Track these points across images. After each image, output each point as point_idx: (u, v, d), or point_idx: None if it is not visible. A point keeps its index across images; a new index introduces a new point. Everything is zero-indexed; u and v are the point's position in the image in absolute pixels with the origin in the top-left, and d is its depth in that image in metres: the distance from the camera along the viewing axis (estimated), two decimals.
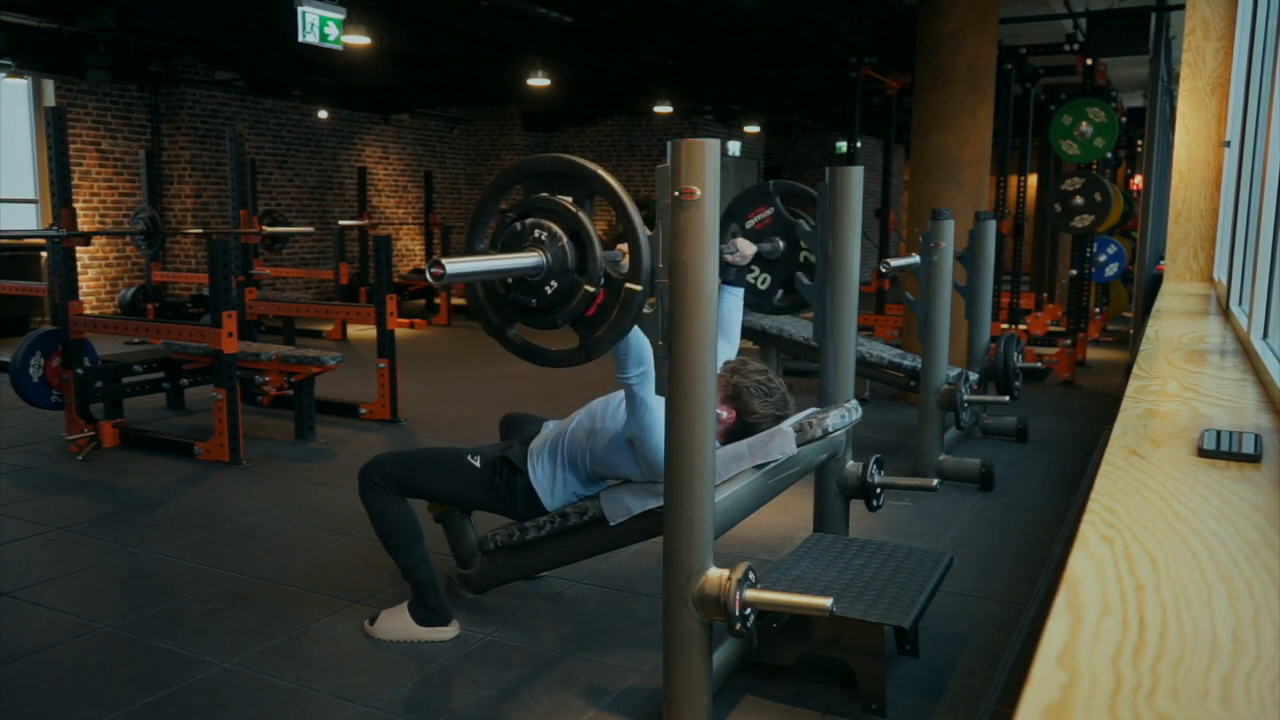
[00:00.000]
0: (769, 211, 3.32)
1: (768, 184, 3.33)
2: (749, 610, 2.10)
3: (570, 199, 2.06)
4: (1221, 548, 0.90)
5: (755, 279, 3.36)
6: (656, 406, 2.39)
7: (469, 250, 2.18)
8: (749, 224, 3.33)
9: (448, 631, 2.75)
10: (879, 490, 2.95)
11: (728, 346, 2.85)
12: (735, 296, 2.98)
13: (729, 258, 2.92)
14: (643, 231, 2.01)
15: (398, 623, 2.73)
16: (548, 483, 2.70)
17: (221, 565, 3.30)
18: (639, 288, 2.01)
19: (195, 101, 10.28)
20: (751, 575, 2.09)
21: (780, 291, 3.39)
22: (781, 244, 3.32)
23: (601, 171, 2.03)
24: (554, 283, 2.06)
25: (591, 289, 2.05)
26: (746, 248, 2.98)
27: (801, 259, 3.28)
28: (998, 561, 3.41)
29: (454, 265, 1.91)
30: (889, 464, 3.62)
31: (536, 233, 2.06)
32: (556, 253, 2.05)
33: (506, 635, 2.77)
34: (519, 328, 2.22)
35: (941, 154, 6.01)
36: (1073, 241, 7.52)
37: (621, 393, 2.59)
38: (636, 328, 2.16)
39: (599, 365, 2.22)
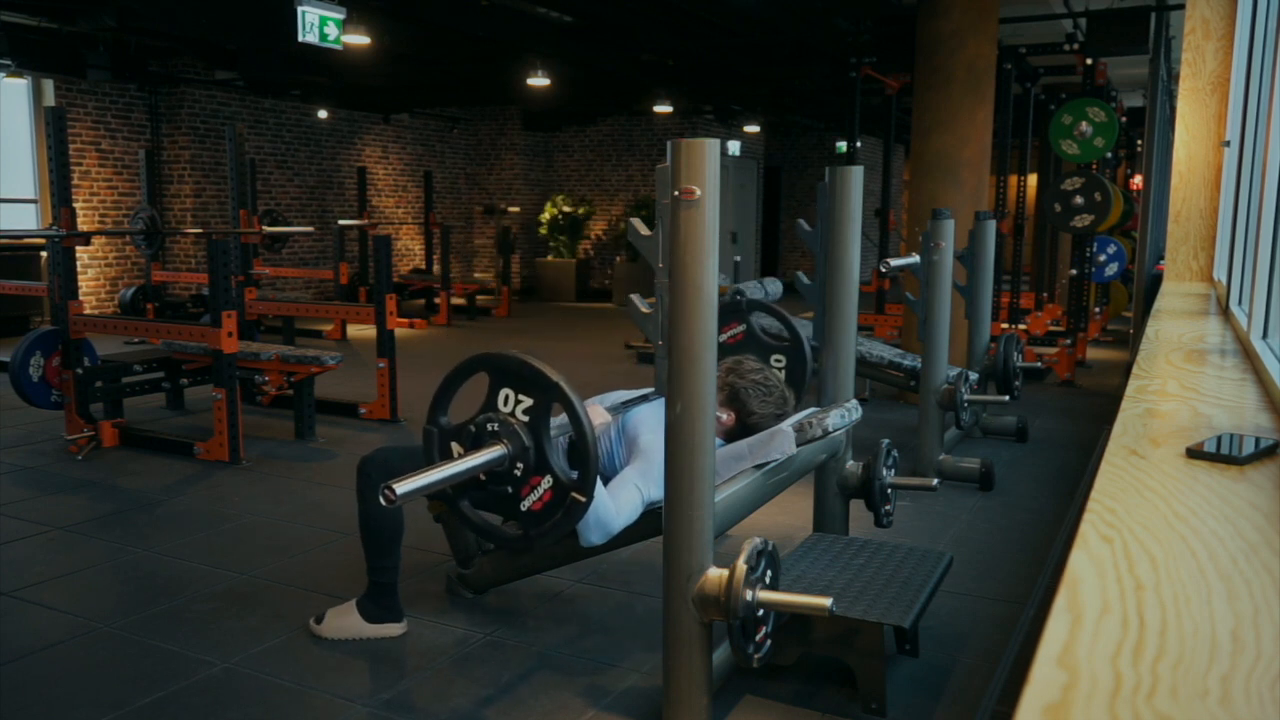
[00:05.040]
0: (741, 328, 3.43)
1: (740, 301, 3.41)
2: (765, 640, 2.12)
3: (531, 401, 2.12)
4: (1221, 548, 0.90)
5: None
6: (619, 490, 2.41)
7: (431, 422, 2.25)
8: (721, 338, 3.43)
9: (397, 628, 2.74)
10: (889, 504, 2.92)
11: None
12: None
13: None
14: (592, 444, 2.08)
15: (346, 620, 2.72)
16: None
17: (221, 565, 3.30)
18: (584, 499, 2.09)
19: (195, 101, 10.28)
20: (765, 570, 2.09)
21: None
22: None
23: (564, 383, 2.07)
24: (520, 464, 2.13)
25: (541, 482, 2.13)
26: None
27: None
28: (997, 561, 3.41)
29: (404, 485, 1.92)
30: None
31: (491, 426, 2.13)
32: (515, 440, 2.11)
33: (506, 635, 2.77)
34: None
35: (941, 154, 6.01)
36: (1073, 241, 7.52)
37: (614, 411, 2.58)
38: (613, 504, 2.32)
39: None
